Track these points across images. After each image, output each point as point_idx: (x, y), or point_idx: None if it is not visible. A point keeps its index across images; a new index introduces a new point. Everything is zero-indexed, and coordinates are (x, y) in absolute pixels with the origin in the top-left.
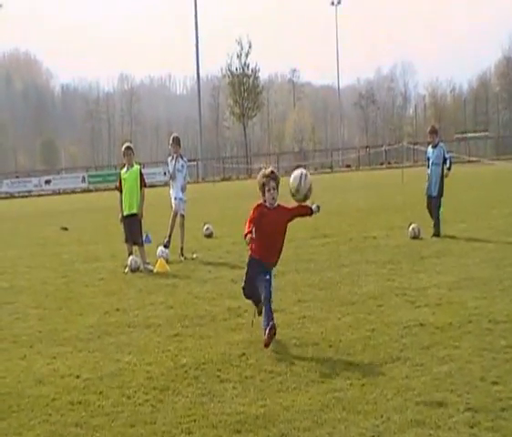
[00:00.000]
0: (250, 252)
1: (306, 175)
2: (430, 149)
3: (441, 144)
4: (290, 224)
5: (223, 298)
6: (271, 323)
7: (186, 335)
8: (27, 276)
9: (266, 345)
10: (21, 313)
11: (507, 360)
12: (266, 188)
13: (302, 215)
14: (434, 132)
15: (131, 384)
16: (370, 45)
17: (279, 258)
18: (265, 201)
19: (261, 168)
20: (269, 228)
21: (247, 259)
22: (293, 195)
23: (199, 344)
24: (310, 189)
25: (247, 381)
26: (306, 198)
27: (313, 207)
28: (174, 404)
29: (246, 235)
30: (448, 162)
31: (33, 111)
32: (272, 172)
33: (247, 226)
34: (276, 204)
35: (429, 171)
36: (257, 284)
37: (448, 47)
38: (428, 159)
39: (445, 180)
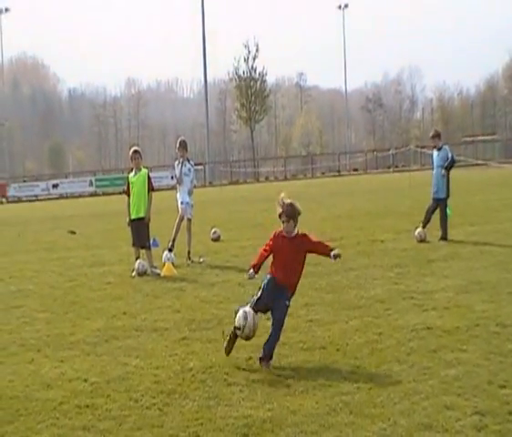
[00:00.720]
0: (269, 273)
1: (250, 312)
2: (435, 153)
3: (445, 146)
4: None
5: (230, 301)
6: (265, 363)
7: (193, 339)
8: (35, 280)
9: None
10: (29, 317)
11: None
12: (282, 219)
13: (321, 254)
14: (437, 136)
15: (138, 388)
16: (377, 49)
17: (296, 285)
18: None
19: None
20: (284, 257)
21: (265, 280)
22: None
23: (207, 348)
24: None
25: (254, 384)
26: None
27: (333, 252)
28: (181, 408)
29: (252, 267)
30: (449, 161)
31: (40, 116)
32: (288, 206)
33: (258, 255)
34: (295, 233)
35: (435, 174)
36: (273, 306)
37: (455, 51)
38: (433, 162)
39: (452, 181)
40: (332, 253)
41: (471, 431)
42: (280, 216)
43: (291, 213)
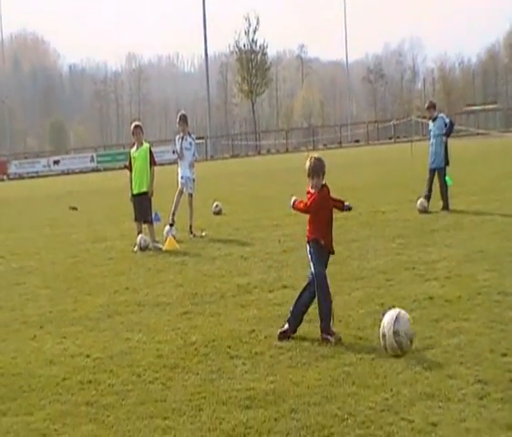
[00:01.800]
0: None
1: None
2: (431, 123)
3: (440, 115)
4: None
5: (233, 275)
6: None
7: (195, 313)
8: (37, 257)
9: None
10: (31, 294)
11: None
12: (311, 176)
13: (337, 207)
14: (431, 107)
15: (141, 363)
16: (378, 20)
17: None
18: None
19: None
20: (316, 208)
21: (315, 247)
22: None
23: (209, 321)
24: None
25: (257, 357)
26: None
27: (346, 203)
28: (184, 382)
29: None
30: (447, 127)
31: (41, 92)
32: (316, 161)
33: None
34: (320, 184)
35: (432, 145)
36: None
37: (456, 21)
38: (430, 132)
39: (452, 150)
40: (345, 204)
41: (473, 400)
42: (309, 175)
43: (310, 174)
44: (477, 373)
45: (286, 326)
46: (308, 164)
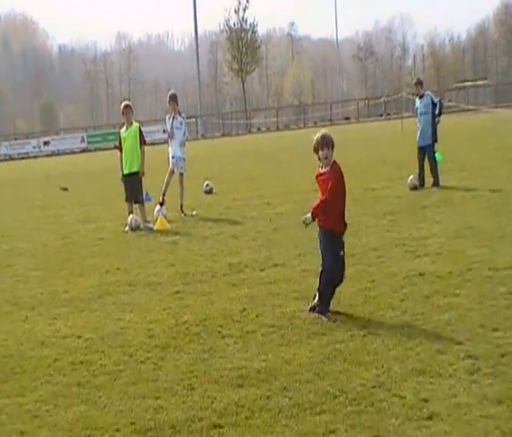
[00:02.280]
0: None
1: None
2: (417, 100)
3: (427, 92)
4: (291, 177)
5: (224, 254)
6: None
7: (187, 292)
8: (28, 238)
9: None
10: (22, 276)
11: (507, 307)
12: (320, 149)
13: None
14: (418, 83)
15: (133, 343)
16: None
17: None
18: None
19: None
20: (335, 194)
21: (327, 236)
22: None
23: (201, 301)
24: None
25: (248, 335)
26: None
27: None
28: (176, 361)
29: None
30: (438, 107)
31: (31, 73)
32: (325, 133)
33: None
34: (331, 157)
35: (419, 122)
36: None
37: None
38: (417, 110)
39: (440, 128)
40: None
41: (464, 375)
42: (318, 147)
43: (316, 146)
44: (468, 349)
45: (316, 301)
46: (316, 137)
